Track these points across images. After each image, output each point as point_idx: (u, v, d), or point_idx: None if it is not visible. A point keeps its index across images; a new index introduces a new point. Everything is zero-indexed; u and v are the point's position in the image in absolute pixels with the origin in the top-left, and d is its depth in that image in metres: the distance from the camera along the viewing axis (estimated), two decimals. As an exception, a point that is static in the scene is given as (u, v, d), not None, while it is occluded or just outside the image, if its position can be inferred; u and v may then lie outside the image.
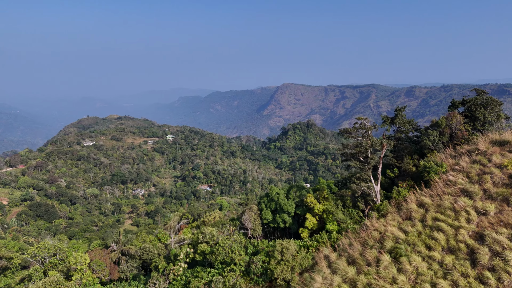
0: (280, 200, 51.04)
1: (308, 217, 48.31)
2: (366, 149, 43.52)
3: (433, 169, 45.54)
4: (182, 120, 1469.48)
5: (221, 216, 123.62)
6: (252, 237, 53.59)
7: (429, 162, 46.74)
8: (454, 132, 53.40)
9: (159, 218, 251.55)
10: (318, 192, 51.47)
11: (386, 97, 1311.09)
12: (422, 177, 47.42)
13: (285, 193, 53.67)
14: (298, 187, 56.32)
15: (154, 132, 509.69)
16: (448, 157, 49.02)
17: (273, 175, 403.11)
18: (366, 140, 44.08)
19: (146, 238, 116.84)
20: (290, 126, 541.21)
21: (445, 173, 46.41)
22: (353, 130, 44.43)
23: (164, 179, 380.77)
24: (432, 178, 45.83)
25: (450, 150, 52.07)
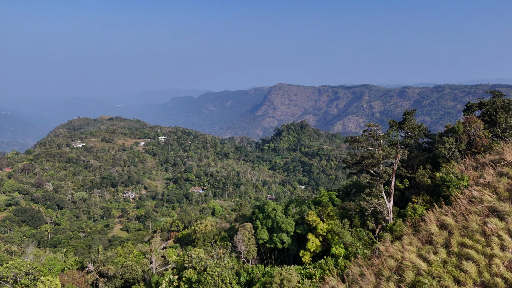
0: (277, 218, 44.86)
1: (310, 237, 42.19)
2: (379, 161, 37.58)
3: (454, 182, 39.62)
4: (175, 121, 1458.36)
5: (213, 224, 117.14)
6: (245, 260, 47.25)
7: (448, 174, 40.87)
8: (472, 139, 47.67)
9: (149, 223, 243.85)
10: (321, 208, 45.34)
11: (379, 97, 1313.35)
12: (440, 191, 41.55)
13: (283, 209, 47.48)
14: (298, 201, 50.13)
15: (146, 133, 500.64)
16: (469, 168, 43.34)
17: (267, 177, 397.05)
18: (378, 150, 38.09)
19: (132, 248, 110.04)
20: (284, 127, 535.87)
21: (467, 187, 40.60)
22: (363, 139, 38.38)
23: (155, 182, 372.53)
24: (452, 194, 39.92)
25: (470, 159, 46.38)
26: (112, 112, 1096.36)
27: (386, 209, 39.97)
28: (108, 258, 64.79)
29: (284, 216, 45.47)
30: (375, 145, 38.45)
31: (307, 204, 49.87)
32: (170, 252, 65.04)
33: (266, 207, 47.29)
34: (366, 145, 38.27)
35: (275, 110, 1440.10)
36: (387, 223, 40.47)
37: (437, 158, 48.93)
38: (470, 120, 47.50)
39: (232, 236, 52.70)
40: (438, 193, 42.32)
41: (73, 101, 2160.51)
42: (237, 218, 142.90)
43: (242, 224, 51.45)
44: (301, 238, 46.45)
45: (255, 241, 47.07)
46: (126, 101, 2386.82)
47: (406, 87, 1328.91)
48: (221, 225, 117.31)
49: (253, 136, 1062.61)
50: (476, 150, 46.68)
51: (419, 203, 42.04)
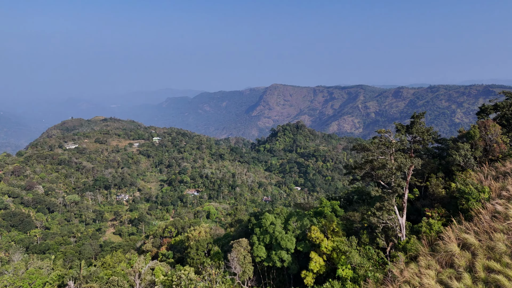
0: (276, 233, 40.43)
1: (313, 256, 37.81)
2: (392, 172, 33.31)
3: (474, 195, 35.42)
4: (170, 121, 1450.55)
5: (207, 230, 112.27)
6: (241, 283, 42.71)
7: (466, 185, 36.70)
8: (489, 145, 43.61)
9: (143, 226, 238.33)
10: (325, 221, 40.99)
11: (374, 97, 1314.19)
12: (457, 204, 37.38)
13: (282, 223, 43.03)
14: (299, 214, 45.66)
15: (140, 134, 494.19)
16: (489, 178, 39.25)
17: (263, 178, 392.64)
18: (391, 160, 33.84)
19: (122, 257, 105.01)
20: (280, 128, 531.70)
21: (489, 200, 36.45)
22: (373, 147, 34.06)
23: (149, 184, 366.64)
24: (472, 207, 35.73)
25: (488, 168, 42.32)
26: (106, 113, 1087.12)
27: (399, 225, 35.70)
28: (92, 273, 59.85)
29: (284, 232, 41.11)
30: (386, 153, 34.19)
31: (308, 217, 45.46)
32: (158, 271, 60.25)
33: (264, 220, 42.88)
34: (377, 153, 34.00)
35: (271, 111, 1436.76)
36: (400, 241, 36.21)
37: (450, 165, 44.82)
38: (486, 124, 43.43)
39: (226, 252, 48.12)
40: (455, 206, 38.16)
41: (67, 102, 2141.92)
42: (232, 223, 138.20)
43: (237, 240, 46.80)
44: (302, 255, 42.12)
45: (251, 258, 42.66)
46: (121, 101, 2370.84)
47: (401, 87, 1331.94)
48: (216, 232, 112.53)
49: (248, 136, 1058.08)
50: (493, 157, 42.61)
51: (434, 217, 37.80)
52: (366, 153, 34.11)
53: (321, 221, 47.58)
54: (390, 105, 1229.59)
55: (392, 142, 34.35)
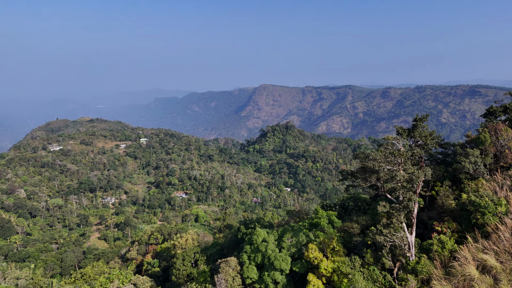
0: (269, 252, 36.06)
1: (311, 279, 33.51)
2: (403, 185, 29.29)
3: (490, 208, 31.60)
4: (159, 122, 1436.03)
5: (194, 237, 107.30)
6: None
7: (481, 197, 32.89)
8: (500, 151, 40.04)
9: (129, 231, 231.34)
10: (323, 237, 36.76)
11: (362, 98, 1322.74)
12: (470, 218, 33.57)
13: (275, 239, 38.66)
14: (294, 230, 41.29)
15: (127, 135, 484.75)
16: (505, 189, 35.55)
17: (252, 180, 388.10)
18: (399, 171, 29.82)
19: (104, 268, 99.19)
20: (269, 128, 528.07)
21: (507, 214, 32.76)
22: (380, 156, 29.94)
23: (136, 186, 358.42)
24: (489, 223, 31.91)
25: (501, 176, 38.70)
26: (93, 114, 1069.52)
27: (408, 243, 31.66)
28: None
29: (277, 250, 36.80)
30: (394, 163, 30.14)
31: (304, 231, 41.19)
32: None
33: (255, 237, 38.48)
34: (384, 164, 29.91)
35: (260, 111, 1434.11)
36: (408, 261, 32.19)
37: (458, 173, 41.07)
38: (497, 128, 39.82)
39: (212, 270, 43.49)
40: (467, 220, 34.31)
41: (53, 102, 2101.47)
42: (221, 228, 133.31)
43: (225, 259, 42.16)
44: (298, 276, 37.87)
45: (241, 280, 38.23)
46: (108, 102, 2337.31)
47: (389, 87, 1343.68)
48: (203, 239, 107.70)
49: (237, 137, 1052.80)
50: (505, 164, 39.01)
51: (445, 233, 33.86)
52: (372, 164, 30.04)
53: (318, 235, 43.37)
54: (378, 105, 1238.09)
55: (402, 152, 30.35)
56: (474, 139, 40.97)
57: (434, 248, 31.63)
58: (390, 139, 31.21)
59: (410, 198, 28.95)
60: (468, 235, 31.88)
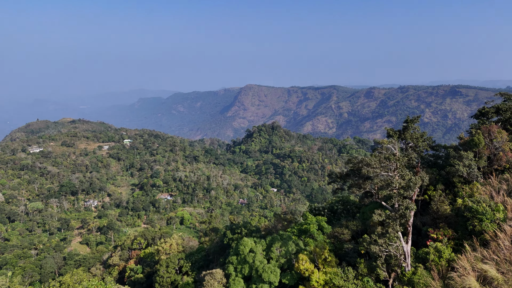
0: (256, 263, 33.94)
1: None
2: (399, 192, 27.59)
3: (488, 215, 30.22)
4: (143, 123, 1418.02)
5: (179, 242, 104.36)
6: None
7: (478, 202, 31.50)
8: (494, 154, 38.93)
9: (112, 235, 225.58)
10: (314, 246, 34.83)
11: (346, 98, 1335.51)
12: (466, 225, 32.16)
13: (263, 249, 36.55)
14: (283, 239, 39.20)
15: (110, 136, 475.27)
16: (501, 193, 34.28)
17: (239, 180, 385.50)
18: (394, 176, 28.11)
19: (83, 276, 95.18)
20: (255, 129, 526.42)
21: (505, 221, 31.46)
22: (375, 162, 28.14)
23: (120, 188, 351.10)
24: (487, 230, 30.52)
25: (495, 180, 37.54)
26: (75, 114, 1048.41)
27: (404, 253, 29.99)
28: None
29: (266, 261, 34.72)
30: (390, 169, 28.43)
31: (294, 239, 39.20)
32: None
33: (242, 247, 36.27)
34: (379, 170, 28.16)
35: (246, 111, 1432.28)
36: (404, 271, 30.55)
37: (451, 176, 39.78)
38: (491, 129, 38.69)
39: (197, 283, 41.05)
40: (463, 227, 32.89)
41: (34, 103, 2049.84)
42: (207, 232, 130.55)
43: (210, 271, 39.73)
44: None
45: (228, 294, 35.95)
46: (91, 102, 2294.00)
47: (373, 88, 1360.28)
48: (188, 243, 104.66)
49: (223, 137, 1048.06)
50: (499, 167, 37.89)
51: (441, 240, 32.35)
52: (367, 170, 28.25)
53: (308, 242, 41.48)
54: (362, 105, 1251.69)
55: (398, 157, 28.66)
56: (467, 142, 39.76)
57: (431, 257, 30.08)
58: (385, 143, 29.54)
59: (407, 206, 27.31)
60: (465, 243, 30.39)
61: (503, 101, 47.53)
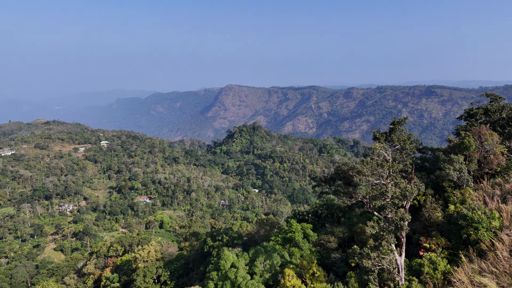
0: (239, 279, 31.27)
1: (289, 311, 29.11)
2: (394, 203, 25.48)
3: (484, 223, 28.57)
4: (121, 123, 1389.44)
5: (157, 249, 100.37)
6: None
7: (473, 209, 29.86)
8: (484, 157, 37.61)
9: (88, 240, 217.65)
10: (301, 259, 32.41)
11: (326, 98, 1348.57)
12: (460, 233, 30.50)
13: (246, 264, 33.88)
14: (267, 251, 36.64)
15: (86, 138, 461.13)
16: (496, 200, 32.78)
17: (220, 182, 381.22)
18: (388, 185, 26.01)
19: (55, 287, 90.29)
20: (236, 129, 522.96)
21: (501, 229, 29.92)
22: (367, 169, 25.93)
23: (97, 191, 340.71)
24: (482, 239, 28.85)
25: (487, 184, 36.17)
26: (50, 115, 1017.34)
27: (397, 266, 27.97)
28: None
29: (249, 276, 32.08)
30: (382, 175, 26.31)
31: (279, 251, 36.70)
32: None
33: (223, 262, 33.48)
34: (372, 178, 25.98)
35: (226, 111, 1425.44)
36: (397, 285, 28.54)
37: (441, 181, 38.22)
38: (482, 132, 37.33)
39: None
40: (457, 235, 31.23)
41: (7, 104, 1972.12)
42: (187, 236, 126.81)
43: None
44: (273, 305, 33.37)
45: (208, 313, 33.12)
46: (66, 103, 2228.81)
47: (351, 88, 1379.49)
48: (167, 250, 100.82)
49: (204, 138, 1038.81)
50: (490, 170, 36.57)
51: (435, 250, 30.53)
52: (359, 178, 26.02)
53: (293, 252, 39.11)
54: (342, 105, 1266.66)
55: (393, 164, 26.56)
56: (457, 144, 38.31)
57: (425, 269, 28.20)
58: (377, 148, 27.43)
59: (402, 217, 25.27)
60: (461, 253, 28.62)
61: (489, 102, 46.62)
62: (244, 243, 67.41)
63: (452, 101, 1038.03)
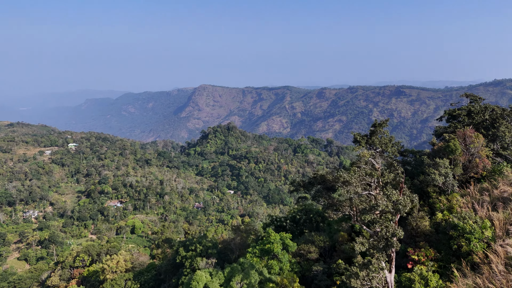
0: (213, 303, 27.91)
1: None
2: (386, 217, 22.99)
3: (477, 234, 26.67)
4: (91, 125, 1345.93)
5: (127, 258, 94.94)
6: None
7: (463, 219, 27.96)
8: (469, 160, 36.12)
9: (54, 249, 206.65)
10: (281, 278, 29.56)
11: (299, 98, 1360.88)
12: (450, 243, 28.58)
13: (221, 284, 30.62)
14: (244, 268, 33.51)
15: (53, 140, 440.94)
16: (486, 207, 31.13)
17: (194, 184, 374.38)
18: (379, 197, 23.55)
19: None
20: (211, 130, 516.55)
21: (494, 240, 28.17)
22: (355, 179, 23.31)
23: (64, 196, 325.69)
24: (475, 251, 26.94)
25: (474, 190, 34.60)
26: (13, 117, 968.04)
27: (387, 284, 25.60)
28: None
29: (224, 299, 28.99)
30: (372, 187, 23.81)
31: (257, 267, 33.71)
32: None
33: (194, 283, 30.07)
34: (361, 189, 23.41)
35: (200, 112, 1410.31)
36: (387, 304, 26.19)
37: (425, 186, 36.44)
38: (468, 134, 35.81)
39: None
40: (446, 246, 29.28)
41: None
42: (159, 243, 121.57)
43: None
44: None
45: None
46: (32, 103, 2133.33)
47: (324, 88, 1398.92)
48: (138, 259, 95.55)
49: (177, 139, 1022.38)
50: (475, 174, 35.08)
51: (424, 263, 28.41)
52: (346, 190, 23.42)
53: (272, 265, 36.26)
54: (315, 105, 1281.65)
55: (383, 173, 24.14)
56: (443, 148, 36.64)
57: (416, 286, 25.99)
58: (366, 156, 24.97)
59: (394, 233, 22.90)
60: (453, 266, 26.58)
61: (469, 103, 45.66)
62: (219, 252, 64.06)
63: (420, 101, 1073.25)
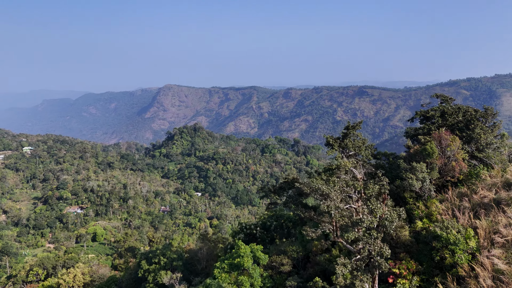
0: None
1: None
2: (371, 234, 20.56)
3: (461, 245, 24.97)
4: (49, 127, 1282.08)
5: (85, 272, 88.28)
6: None
7: (446, 228, 26.22)
8: (445, 164, 34.88)
9: (7, 261, 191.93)
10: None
11: (266, 98, 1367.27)
12: (432, 254, 26.80)
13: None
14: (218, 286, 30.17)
15: (6, 144, 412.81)
16: (468, 214, 29.65)
17: (160, 187, 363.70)
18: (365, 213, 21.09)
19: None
20: (176, 130, 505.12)
21: (479, 250, 26.61)
22: (335, 192, 20.68)
23: (19, 203, 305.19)
24: (460, 263, 25.23)
25: (453, 195, 33.23)
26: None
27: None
28: None
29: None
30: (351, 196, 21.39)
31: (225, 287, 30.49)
32: None
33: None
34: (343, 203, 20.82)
35: (166, 112, 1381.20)
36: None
37: (402, 191, 34.81)
38: (444, 137, 34.54)
39: None
40: (428, 257, 27.49)
41: None
42: (121, 252, 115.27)
43: None
44: None
45: None
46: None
47: (290, 88, 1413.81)
48: (98, 271, 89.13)
49: (142, 140, 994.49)
50: (452, 178, 33.85)
51: (406, 276, 26.41)
52: (327, 205, 20.74)
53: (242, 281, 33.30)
54: (281, 105, 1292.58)
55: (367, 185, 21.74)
56: (419, 151, 35.18)
57: (401, 304, 23.87)
58: (347, 165, 22.46)
59: (381, 252, 20.59)
60: (437, 280, 24.70)
61: (440, 103, 44.99)
62: (185, 263, 60.17)
63: (381, 101, 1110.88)
